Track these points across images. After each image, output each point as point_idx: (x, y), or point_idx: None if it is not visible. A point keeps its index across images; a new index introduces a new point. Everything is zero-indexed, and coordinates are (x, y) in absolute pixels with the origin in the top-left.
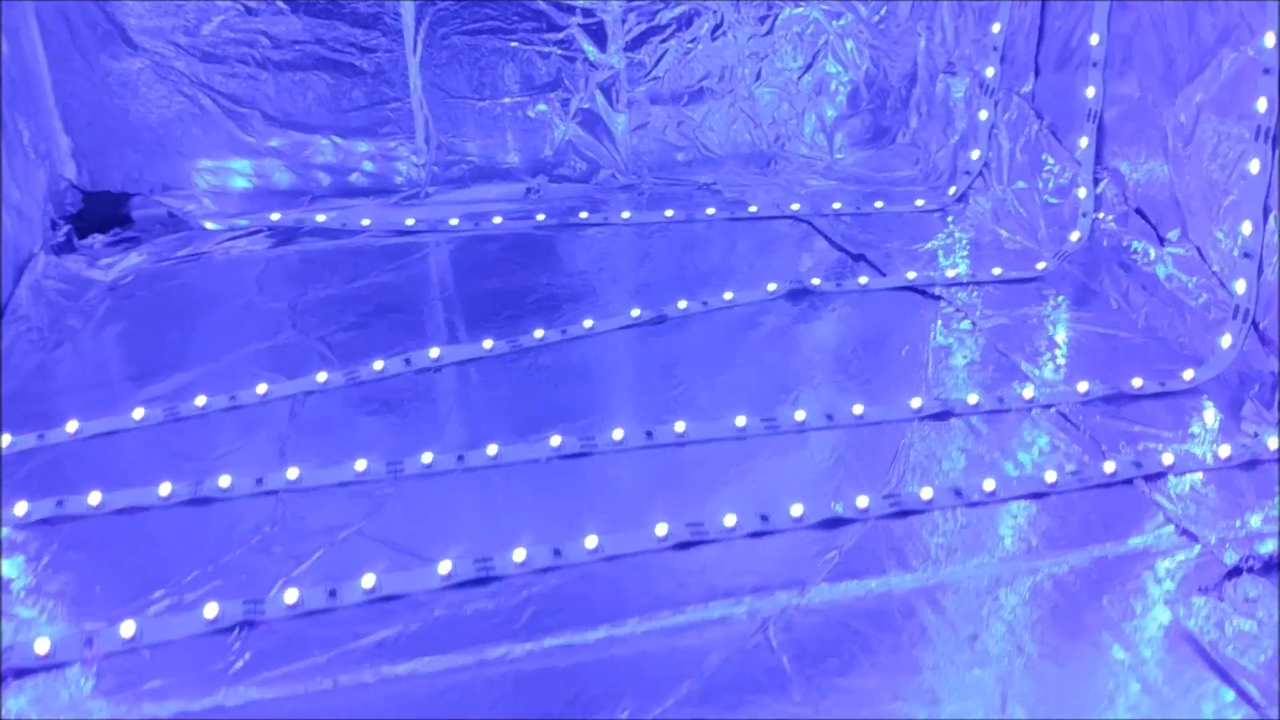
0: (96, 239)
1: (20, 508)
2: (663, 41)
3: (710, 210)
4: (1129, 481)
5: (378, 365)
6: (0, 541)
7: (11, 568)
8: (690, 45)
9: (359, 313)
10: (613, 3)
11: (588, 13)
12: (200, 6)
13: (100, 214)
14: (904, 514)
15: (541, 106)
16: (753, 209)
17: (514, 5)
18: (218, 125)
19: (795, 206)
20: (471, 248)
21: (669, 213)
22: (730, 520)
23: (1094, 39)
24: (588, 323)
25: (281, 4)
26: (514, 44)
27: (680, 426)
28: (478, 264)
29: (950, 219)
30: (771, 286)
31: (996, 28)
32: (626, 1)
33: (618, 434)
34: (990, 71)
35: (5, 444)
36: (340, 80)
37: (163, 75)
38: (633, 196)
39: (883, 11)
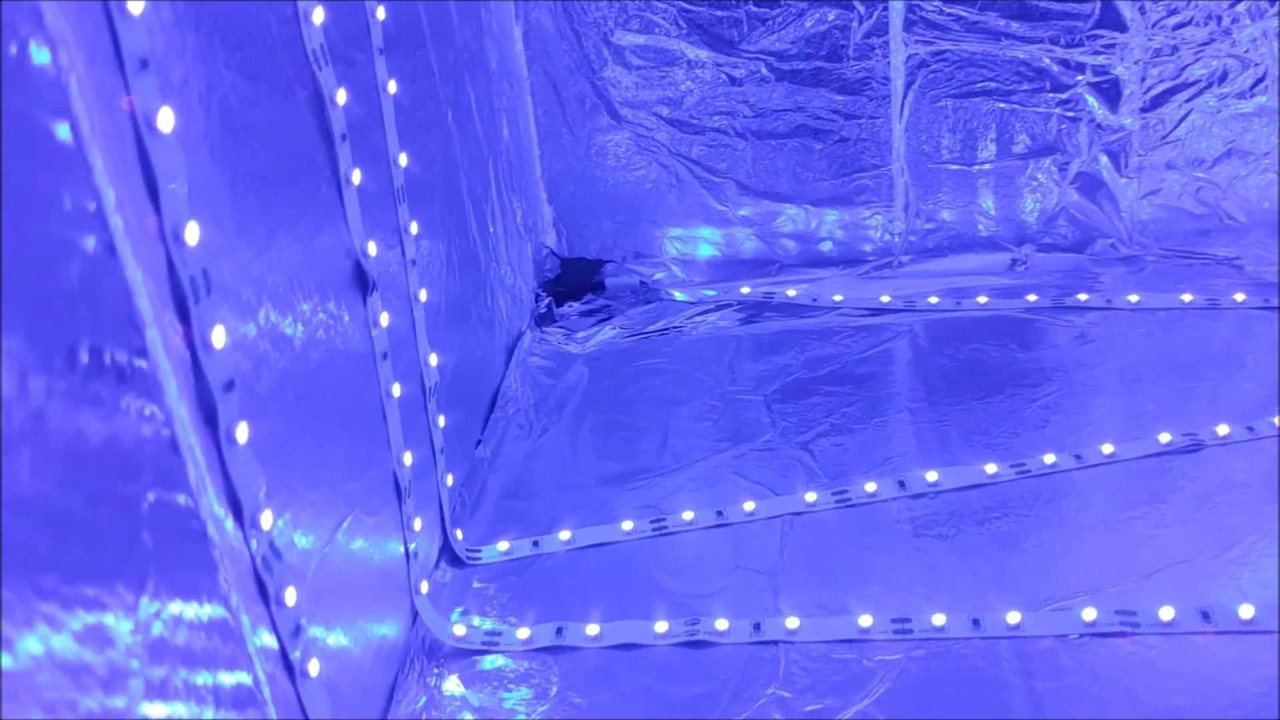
0: (573, 306)
1: (523, 632)
2: (1188, 100)
3: (1239, 296)
4: None
5: (869, 487)
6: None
7: (520, 695)
8: (1221, 104)
9: (839, 415)
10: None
11: (1099, 70)
12: (685, 79)
13: (576, 280)
14: None
15: (1035, 171)
16: None
17: (1014, 64)
18: (692, 194)
19: None
20: (954, 335)
21: (1186, 298)
22: None
23: None
24: (1107, 448)
25: (766, 73)
26: (1010, 106)
27: (1247, 611)
28: (965, 359)
29: None
30: None
31: None
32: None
33: (1167, 613)
34: None
35: (503, 549)
36: (817, 148)
37: (644, 146)
38: (1133, 271)
39: None
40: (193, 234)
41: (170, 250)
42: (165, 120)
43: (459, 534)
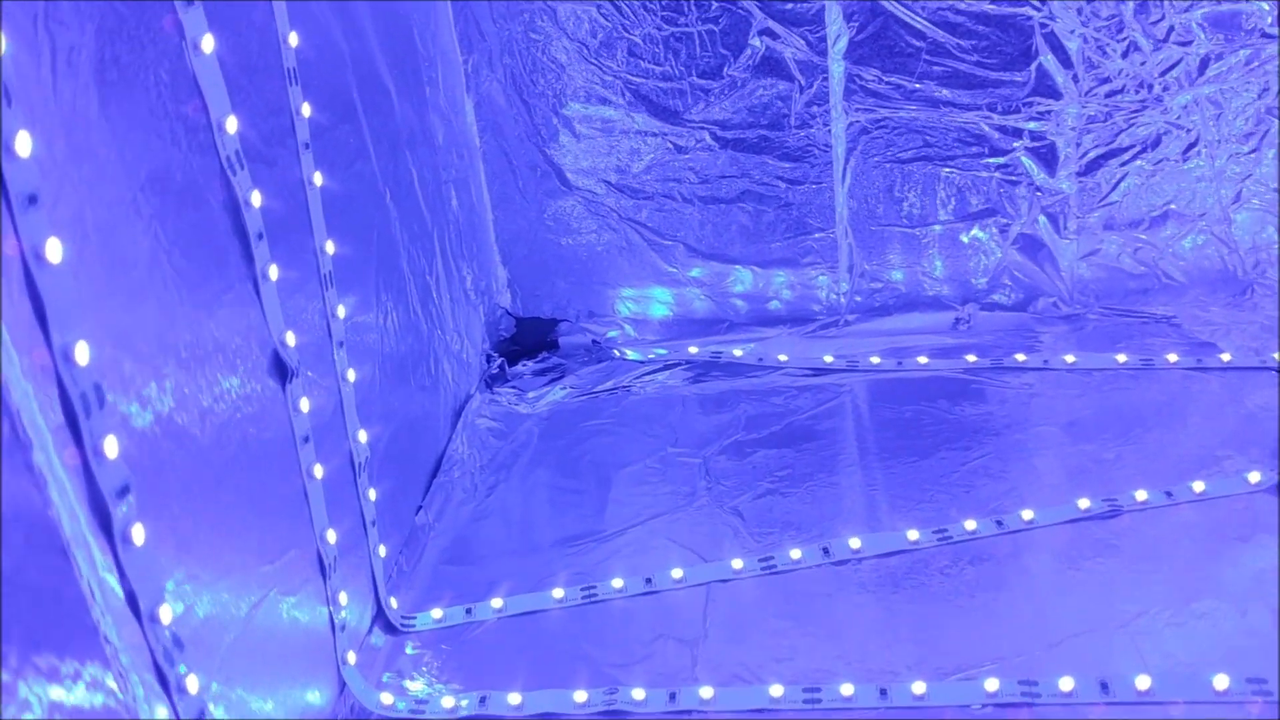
0: (526, 365)
1: (448, 700)
2: (1123, 165)
3: (1171, 357)
4: None
5: (794, 554)
6: None
7: None
8: (1155, 168)
9: (772, 478)
10: (1066, 125)
11: (1036, 136)
12: (632, 148)
13: (530, 338)
14: None
15: (978, 233)
16: (1225, 357)
17: (953, 131)
18: (642, 256)
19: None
20: (893, 395)
21: (1121, 358)
22: None
23: None
24: (1027, 514)
25: (711, 141)
26: (950, 171)
27: (1144, 683)
28: (900, 420)
29: None
30: (1255, 477)
31: None
32: (1082, 126)
33: (1067, 683)
34: None
35: (437, 617)
36: (763, 212)
37: (594, 211)
38: (1074, 329)
39: None
40: (83, 353)
41: (60, 370)
42: (54, 251)
43: (394, 602)
